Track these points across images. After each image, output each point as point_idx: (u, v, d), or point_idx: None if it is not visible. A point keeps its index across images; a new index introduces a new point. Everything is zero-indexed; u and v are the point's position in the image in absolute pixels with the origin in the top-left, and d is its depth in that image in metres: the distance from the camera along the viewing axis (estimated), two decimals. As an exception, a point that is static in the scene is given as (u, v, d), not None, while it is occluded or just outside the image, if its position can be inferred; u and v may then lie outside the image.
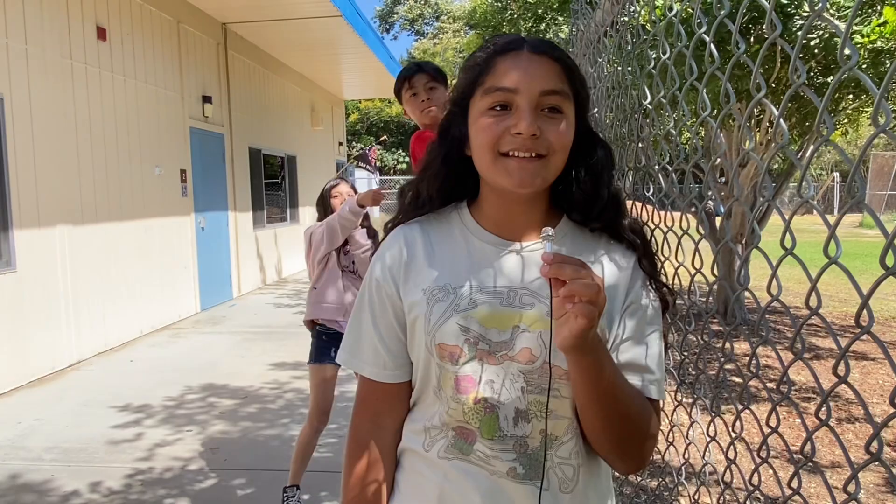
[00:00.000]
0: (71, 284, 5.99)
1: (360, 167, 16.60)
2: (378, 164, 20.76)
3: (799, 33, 0.72)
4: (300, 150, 12.82)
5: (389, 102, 25.26)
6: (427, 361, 1.03)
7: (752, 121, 7.27)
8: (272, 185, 11.52)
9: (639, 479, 2.53)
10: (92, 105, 6.40)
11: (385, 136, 22.78)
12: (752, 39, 4.66)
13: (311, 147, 13.63)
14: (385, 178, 23.67)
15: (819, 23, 4.89)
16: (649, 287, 1.01)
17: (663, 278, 1.12)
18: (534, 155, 0.93)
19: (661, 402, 1.01)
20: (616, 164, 1.11)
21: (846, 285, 9.20)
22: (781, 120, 0.77)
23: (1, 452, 3.94)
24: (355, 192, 3.18)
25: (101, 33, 6.57)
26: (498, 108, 0.95)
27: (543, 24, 9.32)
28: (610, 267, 1.01)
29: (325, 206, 3.22)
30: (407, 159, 28.58)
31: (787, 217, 0.79)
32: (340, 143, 16.67)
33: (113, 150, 6.71)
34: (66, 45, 6.06)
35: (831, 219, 0.70)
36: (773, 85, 4.73)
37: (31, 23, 5.57)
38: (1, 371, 5.14)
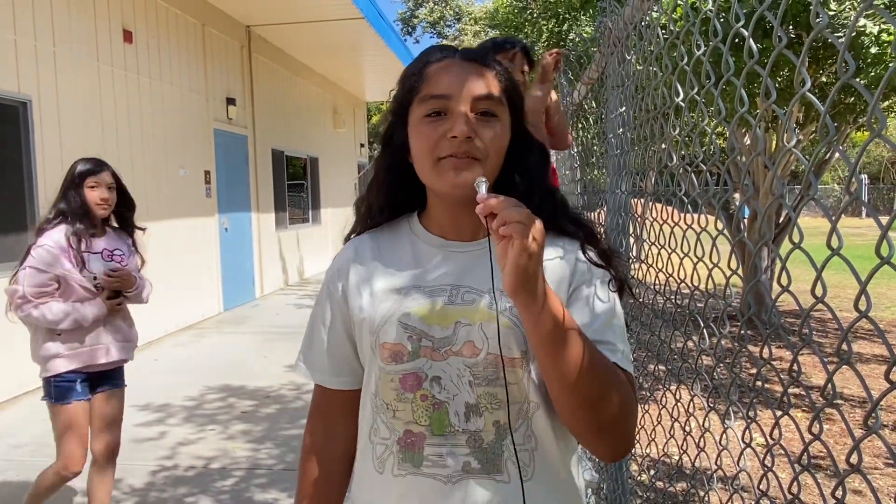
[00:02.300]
0: (97, 284, 6.05)
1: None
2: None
3: (827, 31, 0.69)
4: (322, 151, 12.88)
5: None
6: (371, 365, 1.05)
7: (779, 121, 7.17)
8: (294, 186, 11.59)
9: (666, 484, 2.49)
10: (118, 107, 6.47)
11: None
12: (783, 35, 4.58)
13: (333, 149, 13.70)
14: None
15: (846, 21, 4.80)
16: (599, 271, 1.02)
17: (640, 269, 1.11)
18: (469, 158, 0.96)
19: (631, 375, 0.99)
20: (550, 162, 1.14)
21: (885, 287, 9.02)
22: (828, 116, 0.74)
23: (28, 449, 3.99)
24: (116, 181, 2.66)
25: (128, 36, 6.65)
26: (434, 115, 0.98)
27: (566, 25, 9.26)
28: (554, 261, 1.02)
29: (75, 193, 2.57)
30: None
31: (833, 217, 0.76)
32: (362, 145, 16.73)
33: (139, 152, 6.79)
34: (93, 47, 6.14)
35: (884, 220, 0.66)
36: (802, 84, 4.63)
37: (58, 25, 5.65)
38: (28, 368, 5.20)
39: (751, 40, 0.92)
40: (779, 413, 0.99)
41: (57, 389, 2.61)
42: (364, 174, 16.21)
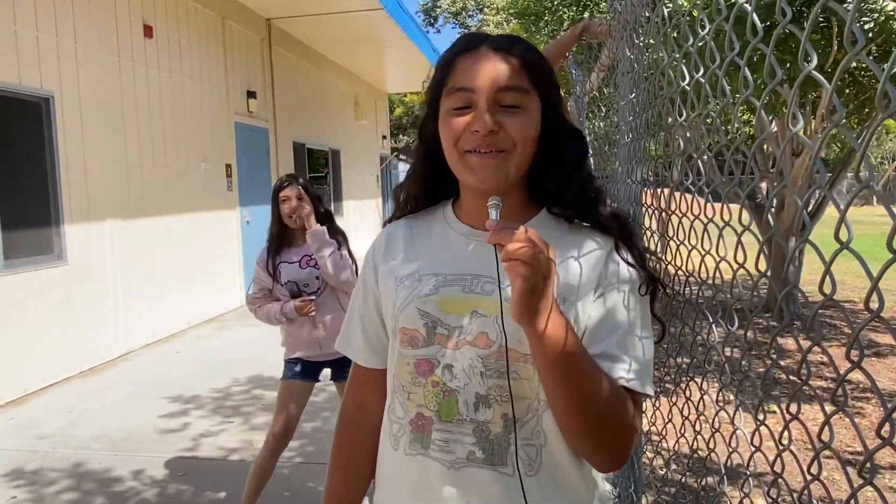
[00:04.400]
0: (120, 277, 6.13)
1: (403, 160, 16.62)
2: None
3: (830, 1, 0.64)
4: (344, 143, 12.90)
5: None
6: (392, 347, 1.09)
7: (808, 107, 6.99)
8: (316, 178, 11.62)
9: (682, 477, 2.45)
10: (139, 101, 6.53)
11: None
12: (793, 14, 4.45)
13: (354, 141, 13.71)
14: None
15: (874, 5, 4.65)
16: (629, 274, 1.00)
17: (659, 265, 1.13)
18: (494, 151, 0.96)
19: (643, 394, 0.97)
20: (588, 152, 1.12)
21: (908, 279, 8.81)
22: (835, 95, 0.69)
23: (52, 441, 4.05)
24: (308, 193, 2.94)
25: (148, 31, 6.70)
26: (460, 108, 0.98)
27: (586, 12, 9.14)
28: (585, 257, 1.01)
29: (275, 209, 3.00)
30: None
31: (842, 207, 0.71)
32: (384, 137, 16.73)
33: (160, 145, 6.85)
34: (114, 43, 6.19)
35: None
36: (829, 70, 4.51)
37: (79, 22, 5.70)
38: (53, 361, 5.29)
39: (754, 15, 0.86)
40: (787, 417, 0.94)
41: (284, 369, 3.03)
42: (385, 166, 16.22)
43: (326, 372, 3.09)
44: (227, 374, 5.37)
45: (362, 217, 14.05)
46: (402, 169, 19.38)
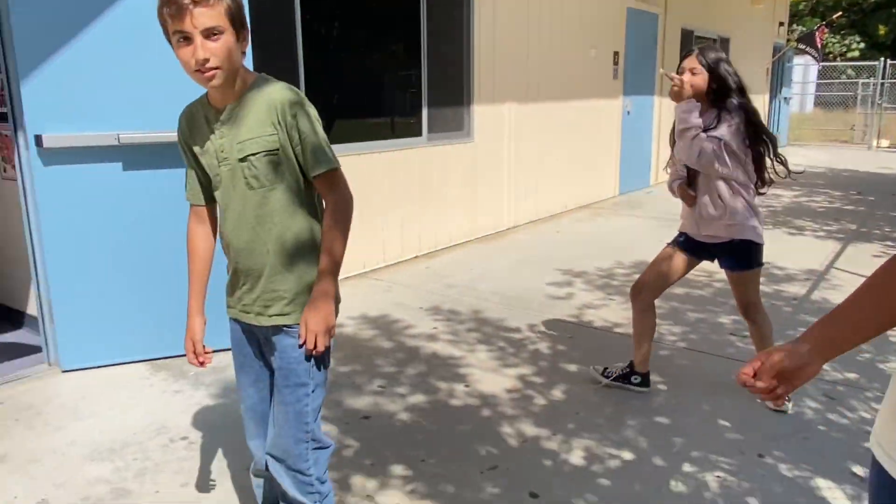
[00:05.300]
0: (514, 158, 6.65)
1: (801, 51, 14.44)
2: (823, 49, 17.85)
3: None
4: (735, 31, 11.71)
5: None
6: None
7: None
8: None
9: None
10: (542, -13, 6.73)
11: (837, 15, 19.34)
12: None
13: (747, 28, 12.35)
14: (828, 64, 20.29)
15: None
16: None
17: None
18: None
19: None
20: None
21: None
22: None
23: (459, 290, 4.69)
24: (708, 66, 2.77)
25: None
26: None
27: None
28: None
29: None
30: (862, 45, 24.02)
31: None
32: (781, 24, 14.75)
33: (557, 33, 7.03)
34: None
35: None
36: None
37: None
38: (459, 226, 6.06)
39: None
40: None
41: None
42: (779, 58, 14.36)
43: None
44: (610, 256, 5.55)
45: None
46: (798, 62, 16.99)
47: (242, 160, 1.54)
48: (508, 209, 6.69)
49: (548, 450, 2.59)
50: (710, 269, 5.09)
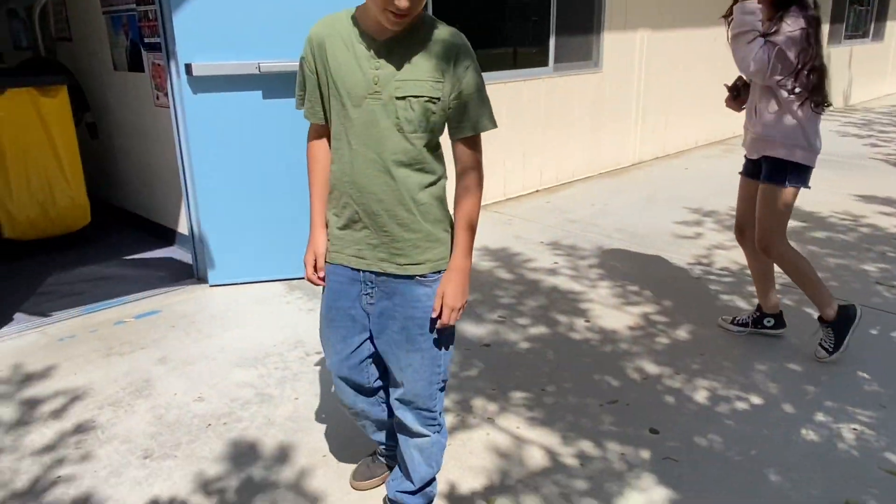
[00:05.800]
0: (644, 90, 6.34)
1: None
2: None
3: None
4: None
5: None
6: None
7: None
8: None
9: None
10: None
11: None
12: None
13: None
14: None
15: None
16: None
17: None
18: None
19: None
20: None
21: None
22: None
23: (581, 225, 4.63)
24: None
25: None
26: None
27: None
28: None
29: None
30: None
31: None
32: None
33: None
34: None
35: None
36: None
37: None
38: (583, 159, 5.92)
39: None
40: None
41: None
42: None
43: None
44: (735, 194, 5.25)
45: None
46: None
47: (401, 98, 1.45)
48: (634, 143, 6.44)
49: (671, 387, 2.56)
50: (855, 212, 4.74)
